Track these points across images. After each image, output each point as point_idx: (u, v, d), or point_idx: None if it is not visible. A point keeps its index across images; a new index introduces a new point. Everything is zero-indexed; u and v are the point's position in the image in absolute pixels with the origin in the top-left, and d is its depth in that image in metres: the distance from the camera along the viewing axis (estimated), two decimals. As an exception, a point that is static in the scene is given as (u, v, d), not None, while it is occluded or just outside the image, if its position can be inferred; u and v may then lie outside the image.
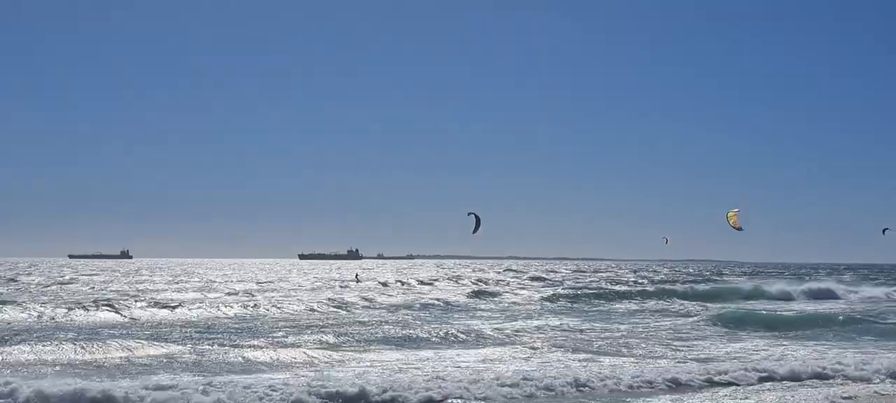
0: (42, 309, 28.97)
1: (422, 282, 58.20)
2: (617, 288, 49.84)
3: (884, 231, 46.28)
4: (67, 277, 64.83)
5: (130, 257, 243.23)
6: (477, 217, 37.97)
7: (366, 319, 27.74)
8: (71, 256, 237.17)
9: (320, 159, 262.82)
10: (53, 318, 26.82)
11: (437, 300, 38.36)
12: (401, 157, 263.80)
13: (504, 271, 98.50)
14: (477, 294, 42.35)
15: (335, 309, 32.41)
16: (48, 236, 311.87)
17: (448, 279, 65.53)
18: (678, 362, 16.91)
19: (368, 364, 16.60)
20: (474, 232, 38.14)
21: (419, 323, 25.35)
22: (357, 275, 57.73)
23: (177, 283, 54.65)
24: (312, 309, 31.87)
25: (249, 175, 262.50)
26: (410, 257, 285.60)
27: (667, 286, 51.18)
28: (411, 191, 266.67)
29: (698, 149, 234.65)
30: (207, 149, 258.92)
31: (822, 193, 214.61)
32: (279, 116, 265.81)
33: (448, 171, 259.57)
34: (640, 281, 65.26)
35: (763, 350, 19.60)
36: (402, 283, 56.57)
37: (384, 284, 54.63)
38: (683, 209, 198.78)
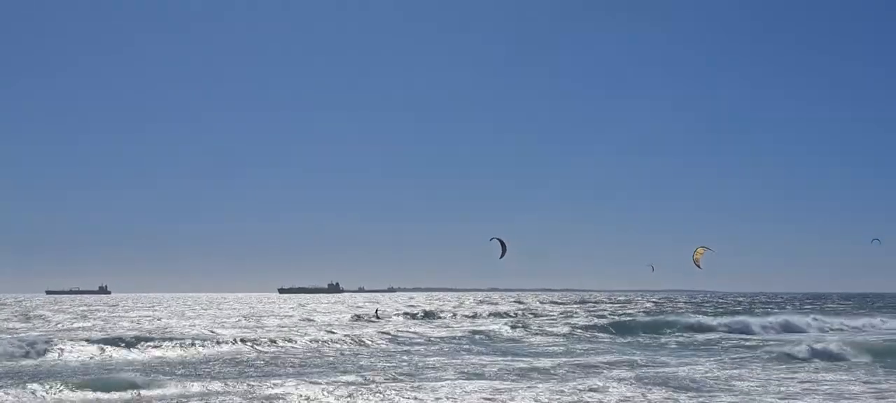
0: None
1: (464, 314, 58.93)
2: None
3: (873, 240, 48.01)
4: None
5: (109, 292, 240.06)
6: (502, 242, 38.18)
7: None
8: (48, 292, 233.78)
9: (299, 194, 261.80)
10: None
11: (485, 331, 38.65)
12: (380, 192, 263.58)
13: (514, 300, 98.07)
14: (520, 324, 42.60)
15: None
16: (26, 272, 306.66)
17: (461, 307, 65.33)
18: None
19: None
20: (502, 256, 38.36)
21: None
22: (376, 311, 57.06)
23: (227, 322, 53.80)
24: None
25: (229, 209, 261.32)
26: (391, 290, 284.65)
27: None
28: (391, 225, 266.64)
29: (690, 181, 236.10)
30: (185, 183, 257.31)
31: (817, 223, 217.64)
32: (257, 151, 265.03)
33: (428, 206, 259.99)
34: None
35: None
36: (429, 315, 56.89)
37: (414, 316, 55.02)
38: (670, 238, 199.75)
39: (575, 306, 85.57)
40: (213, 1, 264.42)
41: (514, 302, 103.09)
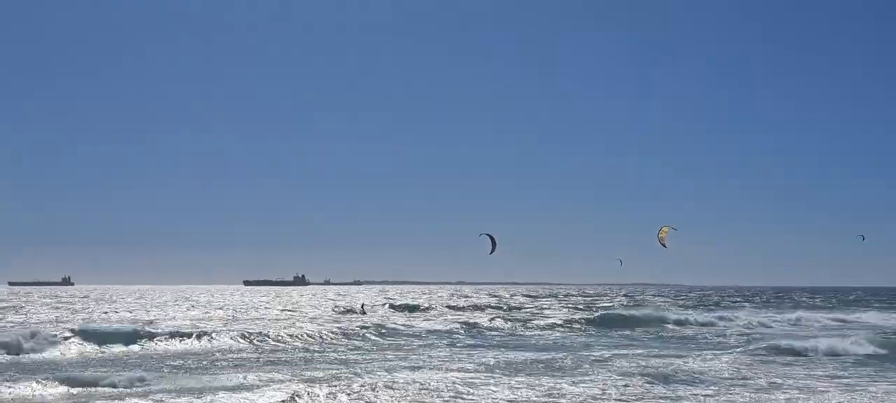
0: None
1: (450, 307, 59.53)
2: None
3: (862, 237, 49.86)
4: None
5: (72, 284, 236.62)
6: (491, 237, 38.91)
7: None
8: (11, 283, 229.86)
9: (264, 186, 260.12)
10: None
11: (477, 324, 39.78)
12: (346, 183, 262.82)
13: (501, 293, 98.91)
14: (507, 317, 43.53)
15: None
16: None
17: (445, 300, 66.12)
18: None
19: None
20: (491, 252, 39.15)
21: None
22: (362, 306, 57.62)
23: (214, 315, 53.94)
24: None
25: (193, 201, 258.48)
26: (357, 283, 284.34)
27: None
28: (356, 216, 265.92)
29: (654, 172, 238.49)
30: (150, 174, 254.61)
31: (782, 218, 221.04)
32: (222, 142, 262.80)
33: (394, 197, 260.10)
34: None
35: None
36: (411, 309, 57.52)
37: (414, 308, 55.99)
38: (638, 230, 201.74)
39: (548, 299, 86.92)
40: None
41: (490, 295, 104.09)
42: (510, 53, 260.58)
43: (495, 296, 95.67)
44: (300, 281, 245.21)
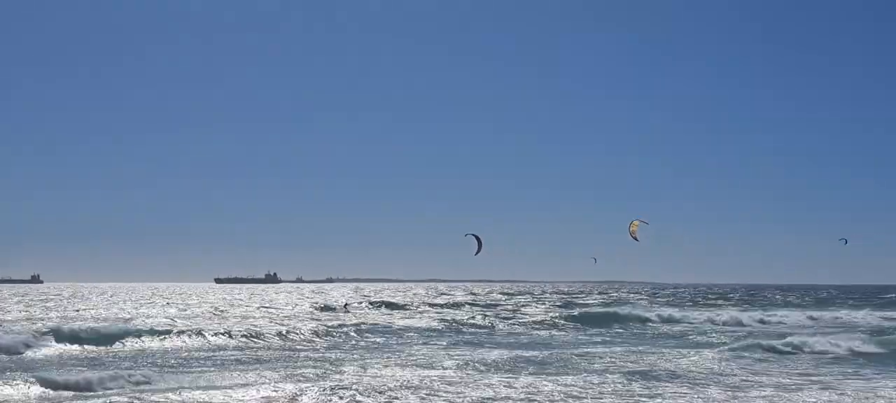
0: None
1: (429, 304, 60.07)
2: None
3: (844, 241, 50.89)
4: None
5: (41, 281, 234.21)
6: (477, 238, 39.20)
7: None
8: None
9: (234, 182, 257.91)
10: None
11: (457, 320, 40.15)
12: (317, 178, 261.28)
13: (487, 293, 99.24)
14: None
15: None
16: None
17: (422, 298, 66.39)
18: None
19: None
20: (477, 253, 39.42)
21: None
22: (346, 305, 57.90)
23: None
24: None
25: (162, 197, 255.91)
26: (329, 280, 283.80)
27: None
28: (328, 213, 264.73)
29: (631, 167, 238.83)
30: (118, 170, 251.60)
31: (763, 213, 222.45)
32: (192, 140, 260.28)
33: (366, 194, 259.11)
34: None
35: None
36: (390, 306, 57.81)
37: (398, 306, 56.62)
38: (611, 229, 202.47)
39: (523, 296, 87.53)
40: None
41: (466, 293, 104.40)
42: (510, 53, 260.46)
43: (472, 294, 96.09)
44: (272, 278, 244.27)
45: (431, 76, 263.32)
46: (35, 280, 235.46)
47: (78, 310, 51.25)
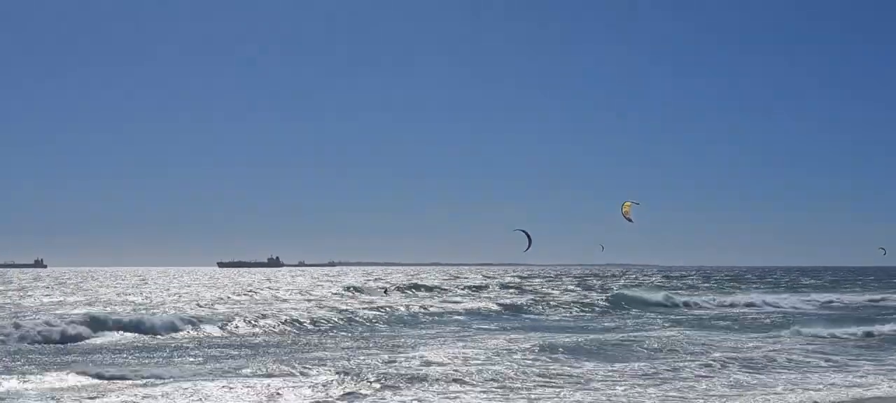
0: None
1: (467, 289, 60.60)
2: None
3: (883, 251, 51.06)
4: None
5: (45, 266, 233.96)
6: (527, 234, 39.44)
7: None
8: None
9: (238, 165, 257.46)
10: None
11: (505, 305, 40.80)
12: (322, 162, 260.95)
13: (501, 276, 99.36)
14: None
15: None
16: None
17: (452, 282, 66.59)
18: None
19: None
20: (527, 249, 39.78)
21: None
22: (386, 290, 58.15)
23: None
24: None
25: (165, 181, 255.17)
26: (332, 264, 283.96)
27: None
28: (332, 197, 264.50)
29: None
30: (122, 155, 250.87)
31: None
32: (194, 120, 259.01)
33: (370, 176, 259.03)
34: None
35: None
36: (427, 289, 58.20)
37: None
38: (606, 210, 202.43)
39: (539, 280, 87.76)
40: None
41: (484, 276, 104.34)
42: (510, 53, 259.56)
43: (488, 277, 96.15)
44: (275, 262, 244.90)
45: (430, 74, 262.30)
46: (39, 264, 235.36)
47: (119, 295, 51.13)
